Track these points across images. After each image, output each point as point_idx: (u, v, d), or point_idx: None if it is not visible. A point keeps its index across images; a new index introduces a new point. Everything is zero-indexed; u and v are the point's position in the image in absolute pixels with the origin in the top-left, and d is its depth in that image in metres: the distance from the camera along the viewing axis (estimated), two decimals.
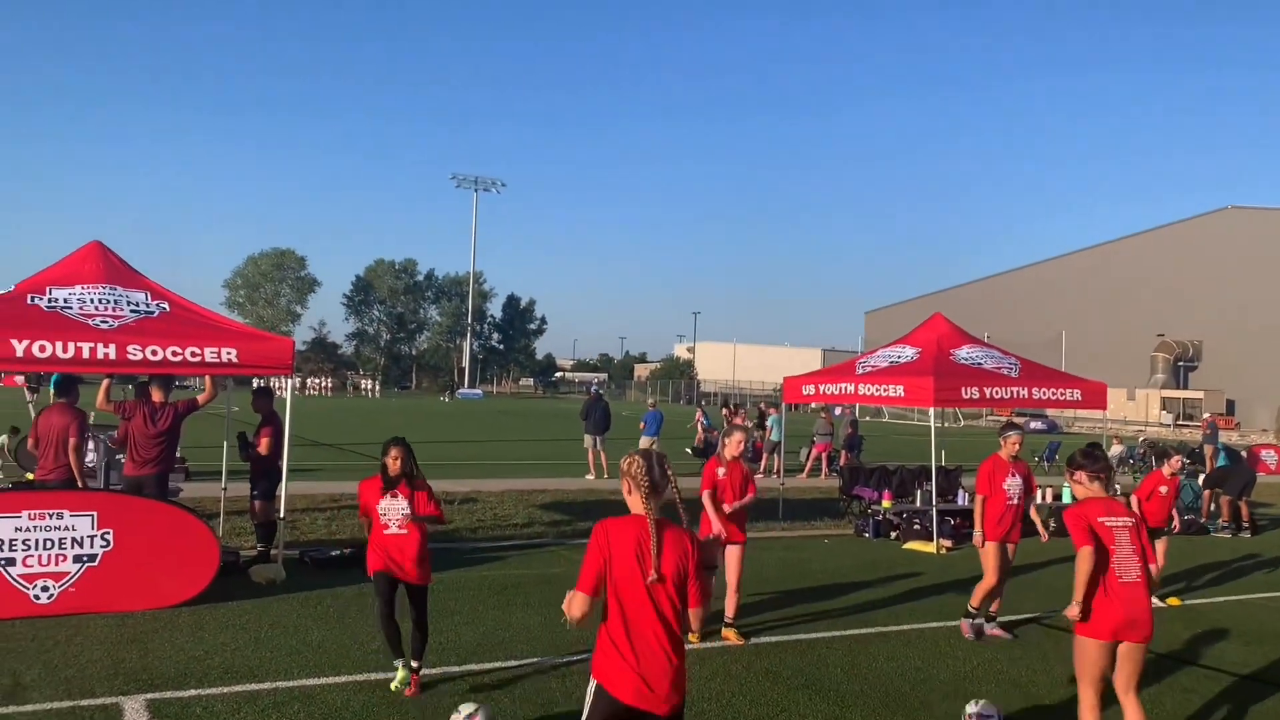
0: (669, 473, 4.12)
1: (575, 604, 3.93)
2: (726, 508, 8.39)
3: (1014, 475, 8.98)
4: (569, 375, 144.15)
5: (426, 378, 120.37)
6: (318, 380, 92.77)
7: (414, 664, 6.72)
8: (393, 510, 6.69)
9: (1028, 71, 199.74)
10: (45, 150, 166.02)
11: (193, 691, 6.47)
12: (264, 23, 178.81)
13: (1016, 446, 9.09)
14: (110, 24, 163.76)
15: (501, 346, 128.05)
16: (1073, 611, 5.54)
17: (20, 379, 20.79)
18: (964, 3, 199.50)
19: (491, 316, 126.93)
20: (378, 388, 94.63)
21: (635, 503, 4.07)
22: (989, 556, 8.83)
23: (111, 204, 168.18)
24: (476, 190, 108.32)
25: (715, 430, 26.27)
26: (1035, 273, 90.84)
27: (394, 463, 6.76)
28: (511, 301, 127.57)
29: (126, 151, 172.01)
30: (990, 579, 8.80)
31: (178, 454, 18.06)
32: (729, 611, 8.45)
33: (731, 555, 8.48)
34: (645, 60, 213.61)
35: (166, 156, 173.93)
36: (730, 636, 8.34)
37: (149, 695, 6.36)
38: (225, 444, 11.97)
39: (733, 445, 8.55)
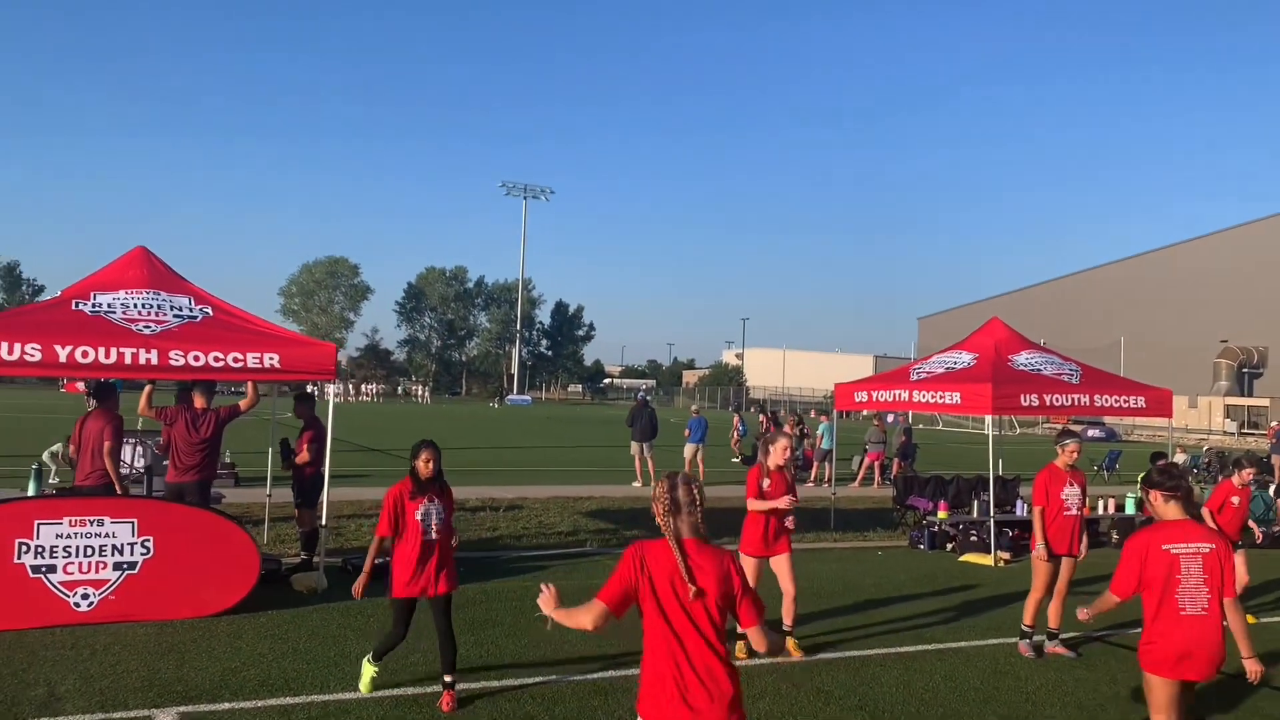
0: (696, 495, 3.88)
1: (589, 615, 3.75)
2: (785, 500, 8.08)
3: (1071, 485, 8.53)
4: (617, 381, 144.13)
5: (476, 384, 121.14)
6: (370, 386, 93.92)
7: (447, 678, 6.55)
8: (431, 515, 6.54)
9: (1084, 72, 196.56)
10: (102, 157, 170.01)
11: (226, 705, 6.32)
12: (315, 36, 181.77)
13: (1075, 455, 8.65)
14: (172, 35, 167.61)
15: (550, 353, 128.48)
16: (1081, 614, 5.52)
17: (82, 385, 21.08)
18: (1014, 3, 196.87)
19: (540, 323, 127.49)
20: (428, 394, 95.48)
21: (662, 524, 3.89)
22: (1039, 569, 8.42)
23: (170, 213, 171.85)
24: (525, 198, 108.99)
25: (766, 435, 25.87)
26: (1094, 277, 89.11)
27: (426, 465, 6.60)
28: (560, 308, 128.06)
29: (184, 162, 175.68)
30: (1038, 592, 8.41)
31: (227, 459, 18.38)
32: (787, 620, 8.16)
33: (781, 566, 8.16)
34: (693, 67, 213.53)
35: (225, 166, 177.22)
36: (789, 647, 8.05)
37: (182, 708, 6.23)
38: (270, 449, 11.91)
39: (777, 453, 8.18)
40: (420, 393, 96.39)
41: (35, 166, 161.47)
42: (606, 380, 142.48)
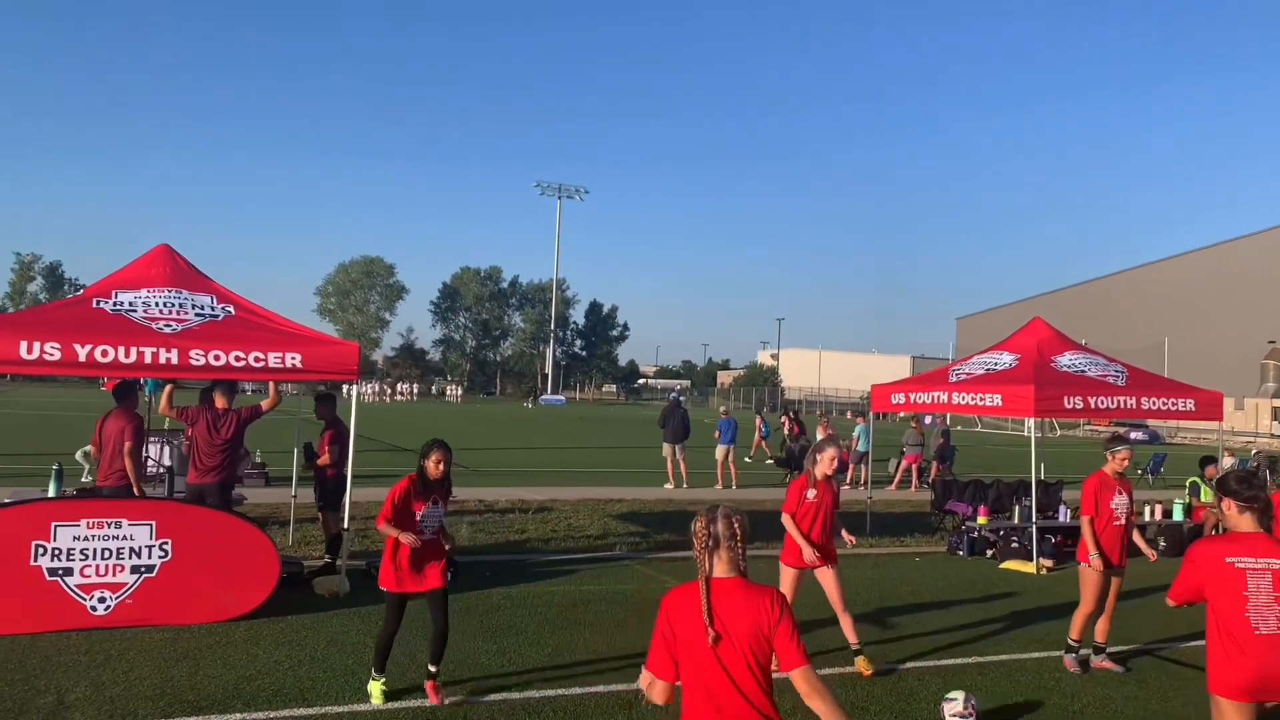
0: (737, 529, 3.56)
1: (656, 692, 3.45)
2: (808, 553, 7.69)
3: (1120, 493, 8.09)
4: (651, 382, 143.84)
5: (511, 384, 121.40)
6: (404, 386, 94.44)
7: (432, 668, 6.52)
8: (431, 517, 6.47)
9: (1125, 72, 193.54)
10: (143, 160, 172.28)
11: (238, 715, 6.12)
12: (353, 38, 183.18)
13: (1126, 463, 8.23)
14: (212, 37, 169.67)
15: (584, 353, 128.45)
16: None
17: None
18: (1059, 9, 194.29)
19: (574, 323, 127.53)
20: (460, 393, 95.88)
21: (697, 560, 3.57)
22: (1089, 581, 7.97)
23: (208, 213, 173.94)
24: (560, 197, 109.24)
25: (804, 439, 25.50)
26: (1136, 277, 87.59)
27: (436, 466, 6.44)
28: (594, 308, 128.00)
29: (222, 163, 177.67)
30: (1088, 605, 7.96)
31: (258, 459, 18.32)
32: (852, 638, 7.74)
33: (827, 578, 7.75)
34: (729, 71, 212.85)
35: (262, 168, 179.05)
36: (861, 666, 7.64)
37: (192, 719, 6.03)
38: (295, 449, 11.75)
39: (825, 462, 7.76)
40: (453, 392, 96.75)
41: (78, 169, 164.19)
42: (641, 381, 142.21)
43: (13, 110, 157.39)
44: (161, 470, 12.24)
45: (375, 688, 6.51)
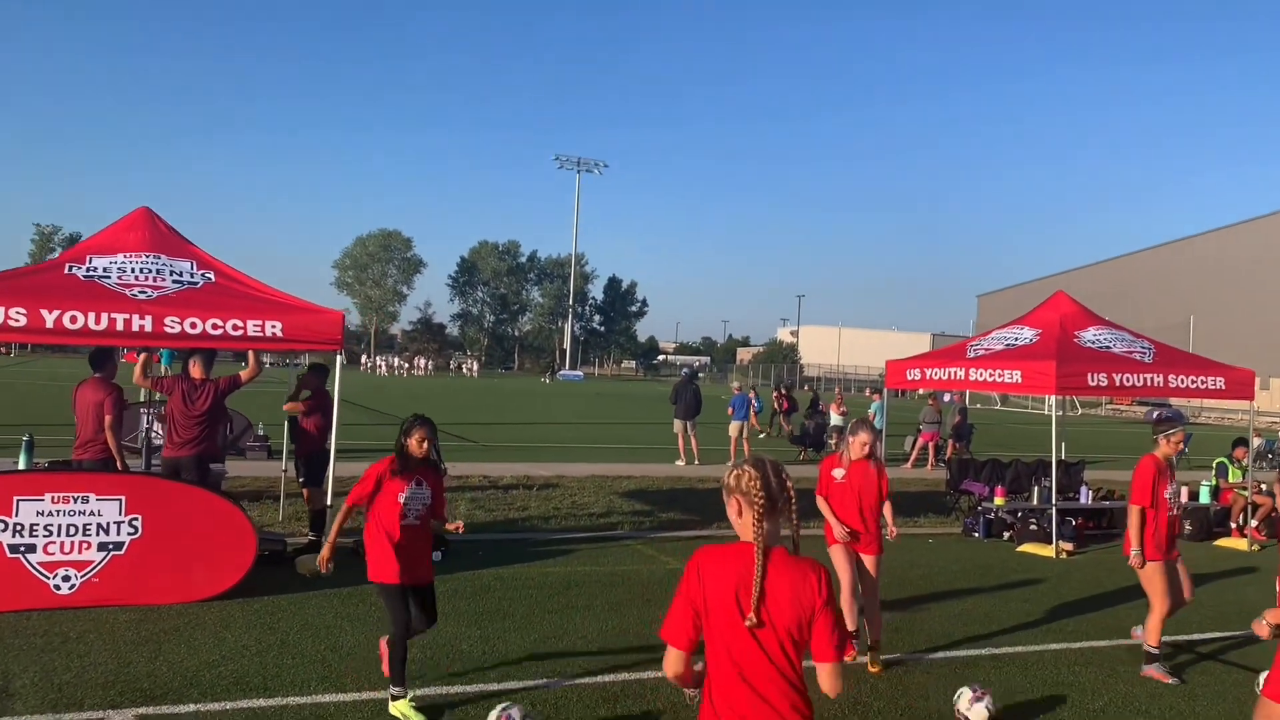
0: (789, 486, 3.04)
1: (669, 662, 3.04)
2: (839, 530, 7.22)
3: (1173, 480, 7.48)
4: (671, 358, 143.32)
5: (529, 359, 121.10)
6: (422, 360, 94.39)
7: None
8: (416, 500, 5.92)
9: (1145, 50, 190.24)
10: (159, 130, 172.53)
11: (190, 707, 5.70)
12: (372, 13, 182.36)
13: (1180, 445, 7.60)
14: (235, 10, 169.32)
15: (603, 328, 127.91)
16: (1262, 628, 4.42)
17: (139, 355, 20.73)
18: None
19: (593, 298, 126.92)
20: (477, 368, 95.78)
21: (745, 526, 3.02)
22: (1154, 580, 7.27)
23: (225, 186, 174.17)
24: (579, 171, 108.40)
25: (817, 417, 24.99)
26: (1161, 255, 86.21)
27: (420, 446, 5.93)
28: (613, 283, 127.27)
29: (240, 136, 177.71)
30: (1161, 608, 7.26)
31: (260, 431, 17.96)
32: (873, 635, 7.22)
33: (867, 565, 7.23)
34: (751, 46, 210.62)
35: (280, 141, 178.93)
36: (870, 661, 7.14)
37: (141, 709, 5.61)
38: (285, 423, 11.33)
39: (856, 446, 7.22)
40: (470, 367, 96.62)
41: (97, 141, 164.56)
42: (660, 357, 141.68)
43: (35, 84, 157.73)
44: (149, 438, 11.89)
45: (405, 708, 5.66)
